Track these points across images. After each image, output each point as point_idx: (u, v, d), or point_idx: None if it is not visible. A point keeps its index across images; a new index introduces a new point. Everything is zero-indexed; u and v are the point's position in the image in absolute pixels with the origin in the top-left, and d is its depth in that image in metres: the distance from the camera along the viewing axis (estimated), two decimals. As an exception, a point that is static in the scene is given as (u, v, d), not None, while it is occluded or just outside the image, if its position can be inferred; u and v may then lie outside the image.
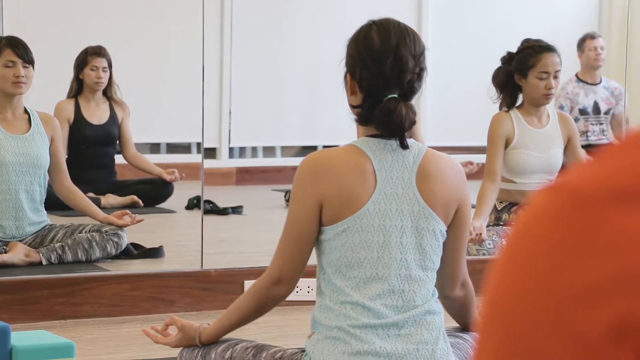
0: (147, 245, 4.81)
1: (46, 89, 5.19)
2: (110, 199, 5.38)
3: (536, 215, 0.59)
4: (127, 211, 4.72)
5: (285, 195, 6.06)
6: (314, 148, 6.67)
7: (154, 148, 6.58)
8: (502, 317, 0.59)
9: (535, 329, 0.57)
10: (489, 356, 0.59)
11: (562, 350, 0.56)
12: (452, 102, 6.85)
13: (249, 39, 6.66)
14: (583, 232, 0.57)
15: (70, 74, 5.44)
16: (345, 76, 2.45)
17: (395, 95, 2.38)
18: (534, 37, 4.50)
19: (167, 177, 5.56)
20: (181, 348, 2.64)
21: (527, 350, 0.57)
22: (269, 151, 7.11)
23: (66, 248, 4.50)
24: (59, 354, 2.82)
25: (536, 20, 6.81)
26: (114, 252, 4.59)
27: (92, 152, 5.48)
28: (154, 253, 4.77)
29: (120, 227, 4.61)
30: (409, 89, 2.40)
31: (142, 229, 4.85)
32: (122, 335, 3.92)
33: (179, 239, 5.33)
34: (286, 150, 7.16)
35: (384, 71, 2.38)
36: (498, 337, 0.59)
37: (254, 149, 7.07)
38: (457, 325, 2.71)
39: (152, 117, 6.13)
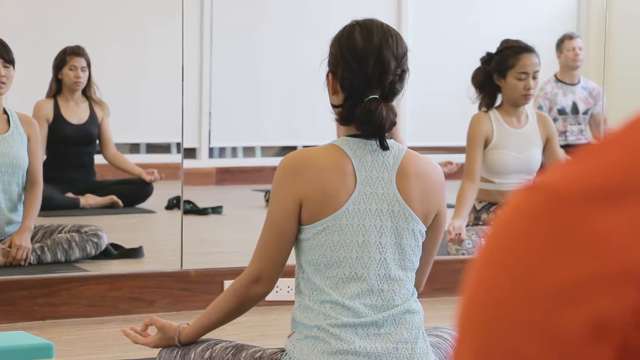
0: (127, 245, 4.80)
1: (25, 89, 5.17)
2: (89, 199, 5.36)
3: (514, 215, 0.59)
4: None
5: (265, 195, 6.06)
6: (293, 148, 6.66)
7: (134, 148, 6.57)
8: (481, 317, 0.59)
9: (514, 329, 0.57)
10: (468, 356, 0.60)
11: (541, 350, 0.57)
12: (432, 102, 6.86)
13: (228, 39, 6.66)
14: (561, 232, 0.57)
15: (49, 74, 5.42)
16: (327, 75, 2.45)
17: (377, 96, 2.39)
18: (513, 37, 4.51)
19: (147, 177, 5.55)
20: (160, 348, 2.64)
21: (505, 350, 0.58)
22: (248, 151, 7.11)
23: (45, 248, 4.48)
24: (38, 354, 2.81)
25: (515, 20, 6.83)
26: (93, 252, 4.58)
27: (71, 151, 5.46)
28: (134, 253, 4.75)
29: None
30: (391, 90, 2.41)
31: (122, 229, 4.84)
32: (101, 335, 3.91)
33: (158, 239, 5.32)
34: (266, 151, 7.16)
35: (366, 71, 2.38)
36: (477, 337, 0.59)
37: (234, 149, 7.06)
38: (437, 325, 2.71)
39: (131, 117, 6.12)
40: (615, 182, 0.57)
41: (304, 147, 3.30)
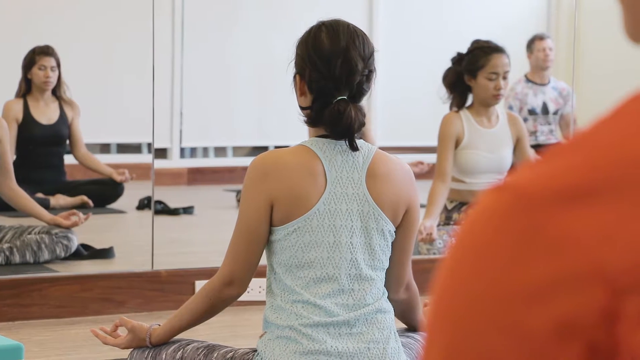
0: (97, 245, 4.78)
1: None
2: (59, 200, 5.33)
3: (482, 215, 0.59)
4: (75, 211, 4.68)
5: (236, 196, 6.05)
6: (265, 148, 6.66)
7: (105, 148, 6.54)
8: (450, 317, 0.59)
9: (482, 329, 0.58)
10: (437, 356, 0.60)
11: (509, 350, 0.57)
12: (403, 102, 6.87)
13: (200, 39, 6.64)
14: (528, 232, 0.57)
15: (18, 74, 5.39)
16: (295, 77, 2.45)
17: (345, 97, 2.39)
18: (484, 38, 4.53)
19: (118, 178, 5.52)
20: (131, 349, 2.63)
21: (474, 350, 0.58)
22: (220, 151, 7.10)
23: (14, 249, 4.45)
24: (7, 356, 2.79)
25: (486, 21, 6.86)
26: (63, 254, 4.56)
27: (41, 152, 5.43)
28: (104, 254, 4.73)
29: (68, 228, 4.57)
30: (358, 90, 2.41)
31: (92, 230, 4.81)
32: (71, 336, 3.89)
33: (129, 240, 5.30)
34: (238, 151, 7.15)
35: (333, 73, 2.38)
36: (446, 337, 0.59)
37: (205, 149, 7.05)
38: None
39: (102, 117, 6.09)
40: (583, 182, 0.58)
41: (276, 147, 3.30)
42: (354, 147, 2.41)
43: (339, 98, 2.38)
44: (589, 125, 0.61)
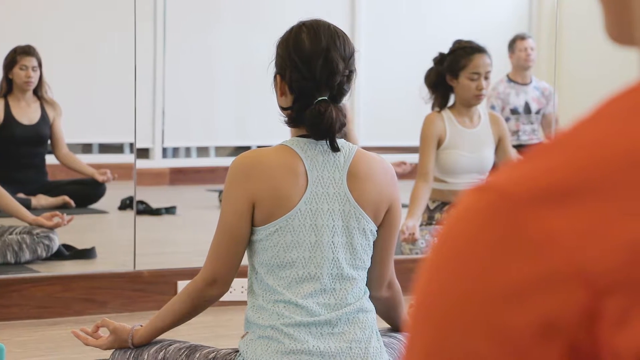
0: (79, 246, 4.76)
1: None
2: (41, 200, 5.31)
3: (463, 216, 0.60)
4: (57, 212, 4.66)
5: (219, 196, 6.04)
6: (247, 148, 6.65)
7: (86, 148, 6.52)
8: (431, 317, 0.60)
9: (464, 329, 0.58)
10: (419, 356, 0.60)
11: (491, 351, 0.57)
12: (385, 102, 6.88)
13: (182, 39, 6.63)
14: (510, 233, 0.57)
15: (-1, 74, 5.37)
16: (275, 77, 2.45)
17: (326, 98, 2.39)
18: (466, 38, 4.54)
19: (100, 178, 5.51)
20: (113, 350, 2.62)
21: (456, 350, 0.58)
22: (202, 151, 7.09)
23: (-5, 250, 4.43)
24: (-11, 357, 2.78)
25: (468, 21, 6.87)
26: (44, 255, 4.54)
27: (22, 152, 5.41)
28: (86, 254, 4.72)
29: (51, 228, 4.55)
30: (339, 91, 2.41)
31: (74, 230, 4.80)
32: (52, 337, 3.88)
33: (111, 240, 5.29)
34: (220, 151, 7.14)
35: (314, 73, 2.38)
36: (427, 337, 0.59)
37: (188, 149, 7.04)
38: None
39: (84, 117, 6.07)
40: (565, 183, 0.58)
41: (258, 147, 3.30)
42: (334, 148, 2.41)
43: (320, 98, 2.38)
44: (571, 125, 0.61)
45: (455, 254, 0.59)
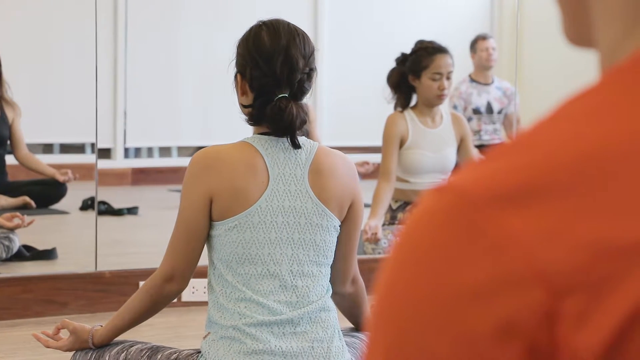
0: (40, 247, 4.73)
1: None
2: (1, 201, 5.27)
3: (423, 216, 0.59)
4: (17, 213, 4.62)
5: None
6: (210, 148, 6.63)
7: (47, 148, 6.47)
8: (391, 318, 0.59)
9: (423, 330, 0.58)
10: (379, 356, 0.60)
11: (450, 351, 0.57)
12: (348, 102, 6.89)
13: (143, 38, 6.60)
14: (468, 233, 0.57)
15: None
16: (236, 76, 2.45)
17: (286, 95, 2.39)
18: (428, 38, 4.56)
19: (61, 178, 5.47)
20: (74, 351, 2.60)
21: (415, 350, 0.58)
22: (164, 151, 7.06)
23: (-45, 251, 4.39)
24: (-52, 359, 2.75)
25: (430, 21, 6.90)
26: (4, 256, 4.50)
27: (-18, 152, 5.36)
28: (47, 255, 4.68)
29: (11, 229, 4.51)
30: (299, 88, 2.41)
31: (35, 231, 4.76)
32: (13, 338, 3.84)
33: (72, 241, 5.25)
34: (182, 151, 7.11)
35: (274, 71, 2.38)
36: (388, 337, 0.59)
37: (150, 149, 7.00)
38: (353, 325, 2.72)
39: (44, 117, 6.03)
40: (525, 183, 0.58)
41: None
42: (296, 145, 2.41)
43: (280, 95, 2.38)
44: (531, 125, 0.61)
45: (415, 255, 0.59)
